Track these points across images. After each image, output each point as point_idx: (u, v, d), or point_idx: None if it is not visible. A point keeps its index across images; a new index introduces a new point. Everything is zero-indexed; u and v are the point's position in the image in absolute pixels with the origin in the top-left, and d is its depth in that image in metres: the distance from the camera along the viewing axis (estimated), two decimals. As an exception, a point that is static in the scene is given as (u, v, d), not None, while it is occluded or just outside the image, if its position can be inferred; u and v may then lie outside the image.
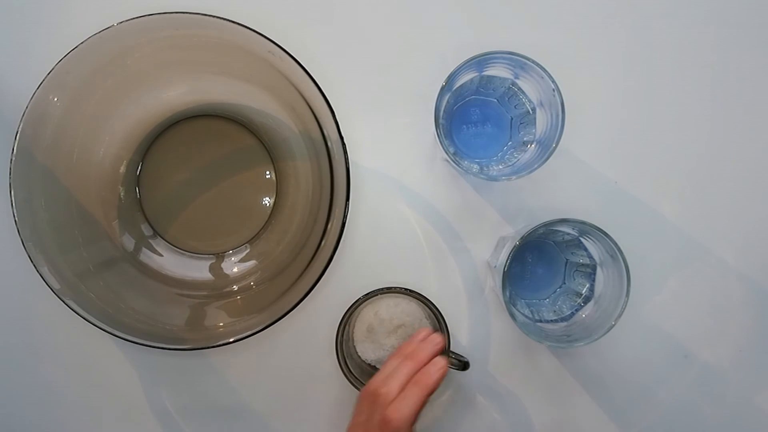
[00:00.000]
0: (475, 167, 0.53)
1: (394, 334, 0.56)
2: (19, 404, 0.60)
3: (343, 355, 0.55)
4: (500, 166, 0.54)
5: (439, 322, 0.54)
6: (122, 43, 0.50)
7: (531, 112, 0.53)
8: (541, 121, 0.52)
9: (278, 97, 0.55)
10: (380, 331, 0.56)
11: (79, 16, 0.59)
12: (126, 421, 0.60)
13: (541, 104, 0.52)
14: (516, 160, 0.54)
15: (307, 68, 0.48)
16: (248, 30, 0.47)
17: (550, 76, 0.48)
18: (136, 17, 0.48)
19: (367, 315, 0.57)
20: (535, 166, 0.50)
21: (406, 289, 0.54)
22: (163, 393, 0.60)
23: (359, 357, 0.57)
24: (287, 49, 0.48)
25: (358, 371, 0.55)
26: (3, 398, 0.60)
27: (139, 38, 0.50)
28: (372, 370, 0.57)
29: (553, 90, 0.48)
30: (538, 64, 0.48)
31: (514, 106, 0.54)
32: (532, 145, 0.53)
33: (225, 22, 0.47)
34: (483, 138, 0.55)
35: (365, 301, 0.54)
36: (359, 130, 0.58)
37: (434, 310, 0.54)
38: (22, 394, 0.60)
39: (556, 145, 0.48)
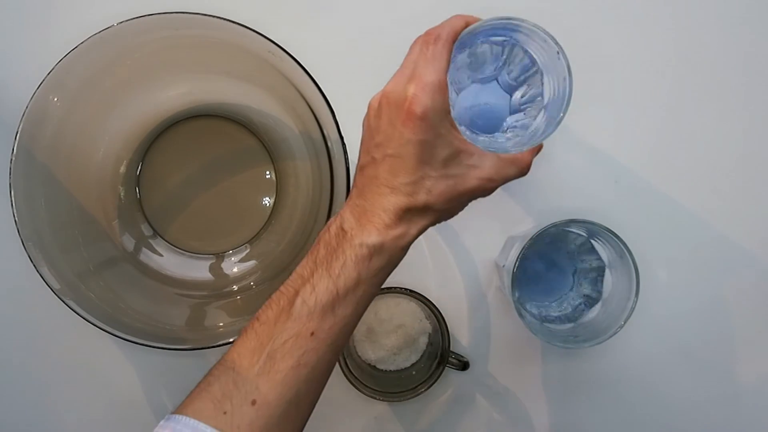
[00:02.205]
0: (483, 138, 0.51)
1: (394, 334, 0.56)
2: (19, 404, 0.60)
3: (343, 355, 0.55)
4: (508, 135, 0.51)
5: (439, 323, 0.54)
6: (122, 43, 0.50)
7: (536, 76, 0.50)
8: (548, 89, 0.49)
9: (278, 97, 0.55)
10: (380, 331, 0.56)
11: (79, 16, 0.58)
12: (126, 421, 0.60)
13: (547, 70, 0.49)
14: (525, 124, 0.51)
15: (307, 68, 0.48)
16: (248, 30, 0.47)
17: (552, 38, 0.46)
18: (136, 17, 0.48)
19: (367, 315, 0.57)
20: (545, 135, 0.47)
21: (406, 289, 0.54)
22: (163, 393, 0.60)
23: (359, 357, 0.57)
24: (287, 49, 0.48)
25: (358, 371, 0.56)
26: (2, 398, 0.60)
27: (139, 38, 0.50)
28: (372, 370, 0.57)
29: (557, 53, 0.46)
30: (539, 27, 0.46)
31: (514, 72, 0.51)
32: (540, 114, 0.50)
33: (225, 22, 0.47)
34: (491, 105, 0.52)
35: None
36: (359, 130, 0.58)
37: (434, 310, 0.54)
38: (22, 393, 0.60)
39: (564, 114, 0.46)
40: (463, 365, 0.54)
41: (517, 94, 0.52)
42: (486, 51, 0.51)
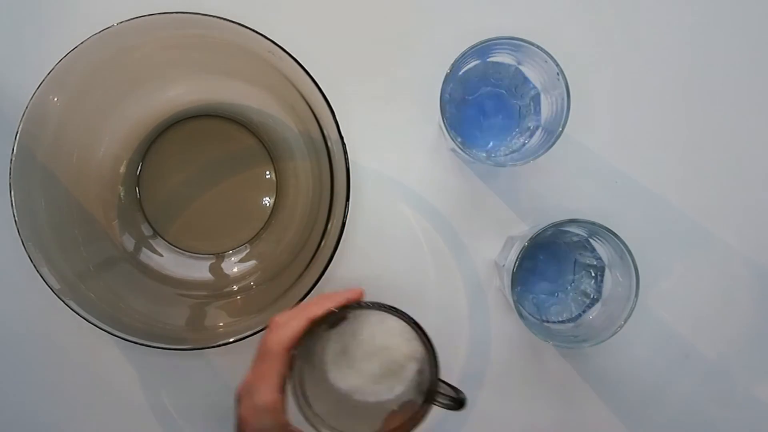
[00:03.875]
0: (483, 154, 0.53)
1: (375, 357, 0.43)
2: (19, 404, 0.60)
3: (302, 389, 0.42)
4: (507, 153, 0.54)
5: (426, 349, 0.43)
6: (122, 43, 0.50)
7: (536, 97, 0.53)
8: (546, 107, 0.52)
9: (278, 97, 0.55)
10: (357, 354, 0.43)
11: (79, 16, 0.59)
12: (126, 421, 0.60)
13: (546, 89, 0.51)
14: (522, 146, 0.53)
15: (307, 68, 0.48)
16: (248, 30, 0.47)
17: (553, 60, 0.48)
18: (136, 17, 0.48)
19: (342, 335, 0.44)
20: (541, 151, 0.49)
21: (388, 306, 0.42)
22: (163, 393, 0.60)
23: (332, 386, 0.44)
24: (287, 49, 0.48)
25: (322, 405, 0.43)
26: (2, 398, 0.60)
27: (139, 38, 0.50)
28: (343, 400, 0.44)
29: (557, 74, 0.48)
30: (541, 48, 0.48)
31: (521, 95, 0.53)
32: (538, 131, 0.52)
33: (225, 22, 0.47)
34: (494, 129, 0.54)
35: (339, 317, 0.43)
36: (359, 129, 0.58)
37: (420, 333, 0.42)
38: (22, 394, 0.60)
39: (562, 129, 0.48)
40: (458, 403, 0.43)
41: (516, 113, 0.53)
42: (492, 73, 0.53)
